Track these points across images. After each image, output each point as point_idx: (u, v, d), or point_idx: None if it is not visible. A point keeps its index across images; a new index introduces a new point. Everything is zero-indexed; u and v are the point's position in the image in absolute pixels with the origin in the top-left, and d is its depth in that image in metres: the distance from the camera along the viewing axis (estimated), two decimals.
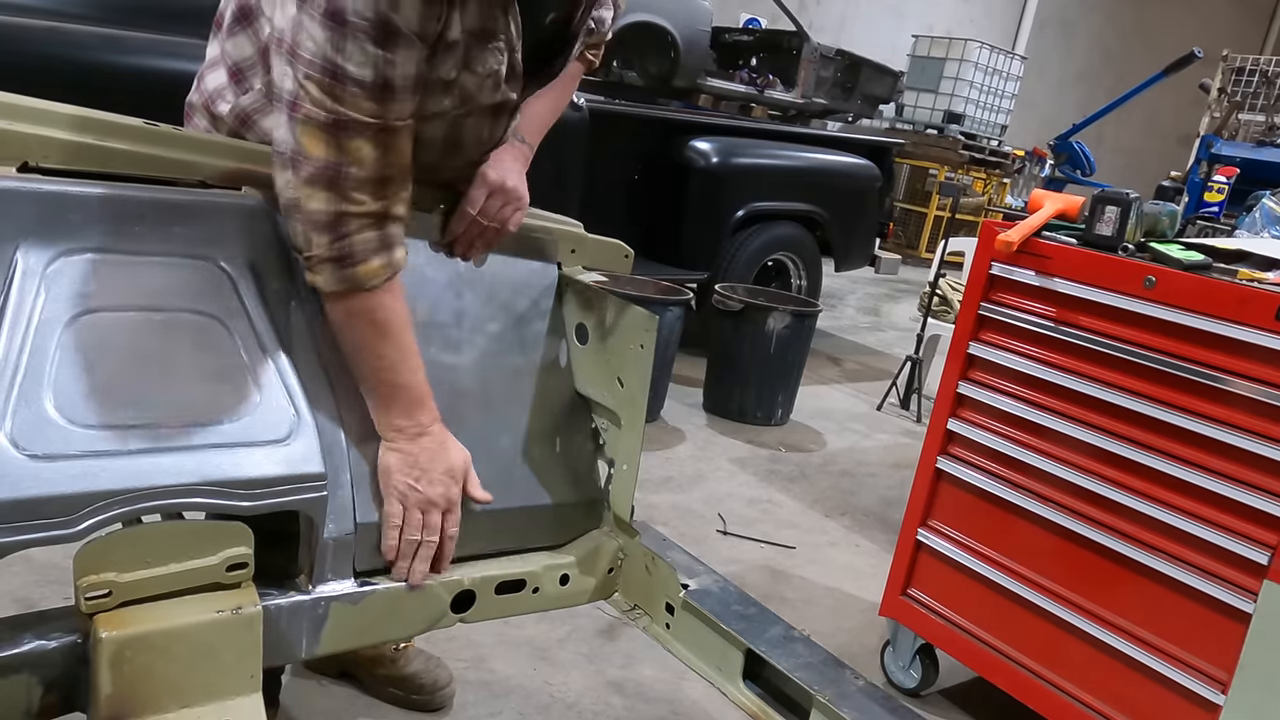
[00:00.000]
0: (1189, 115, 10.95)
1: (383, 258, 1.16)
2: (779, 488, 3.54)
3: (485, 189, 1.37)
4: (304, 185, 1.10)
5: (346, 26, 1.04)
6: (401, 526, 1.22)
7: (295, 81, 1.08)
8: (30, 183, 1.04)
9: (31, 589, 2.14)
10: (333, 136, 1.09)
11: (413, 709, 1.97)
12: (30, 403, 0.96)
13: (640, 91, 5.57)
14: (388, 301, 1.18)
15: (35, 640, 1.00)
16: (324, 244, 1.12)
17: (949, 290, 4.63)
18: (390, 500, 1.22)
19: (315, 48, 1.05)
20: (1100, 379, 1.89)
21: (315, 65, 1.06)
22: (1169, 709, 1.80)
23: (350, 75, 1.06)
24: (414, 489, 1.22)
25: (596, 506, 1.51)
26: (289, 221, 1.14)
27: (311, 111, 1.07)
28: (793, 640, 1.34)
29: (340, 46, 1.05)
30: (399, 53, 1.08)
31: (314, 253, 1.13)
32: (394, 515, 1.22)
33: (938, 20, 11.75)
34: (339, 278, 1.14)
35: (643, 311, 1.37)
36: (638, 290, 3.78)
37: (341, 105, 1.07)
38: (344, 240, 1.13)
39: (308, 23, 1.05)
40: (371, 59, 1.06)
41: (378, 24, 1.05)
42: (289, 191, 1.12)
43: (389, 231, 1.16)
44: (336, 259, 1.13)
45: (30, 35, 2.71)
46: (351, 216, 1.12)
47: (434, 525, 1.23)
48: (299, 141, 1.09)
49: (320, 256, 1.13)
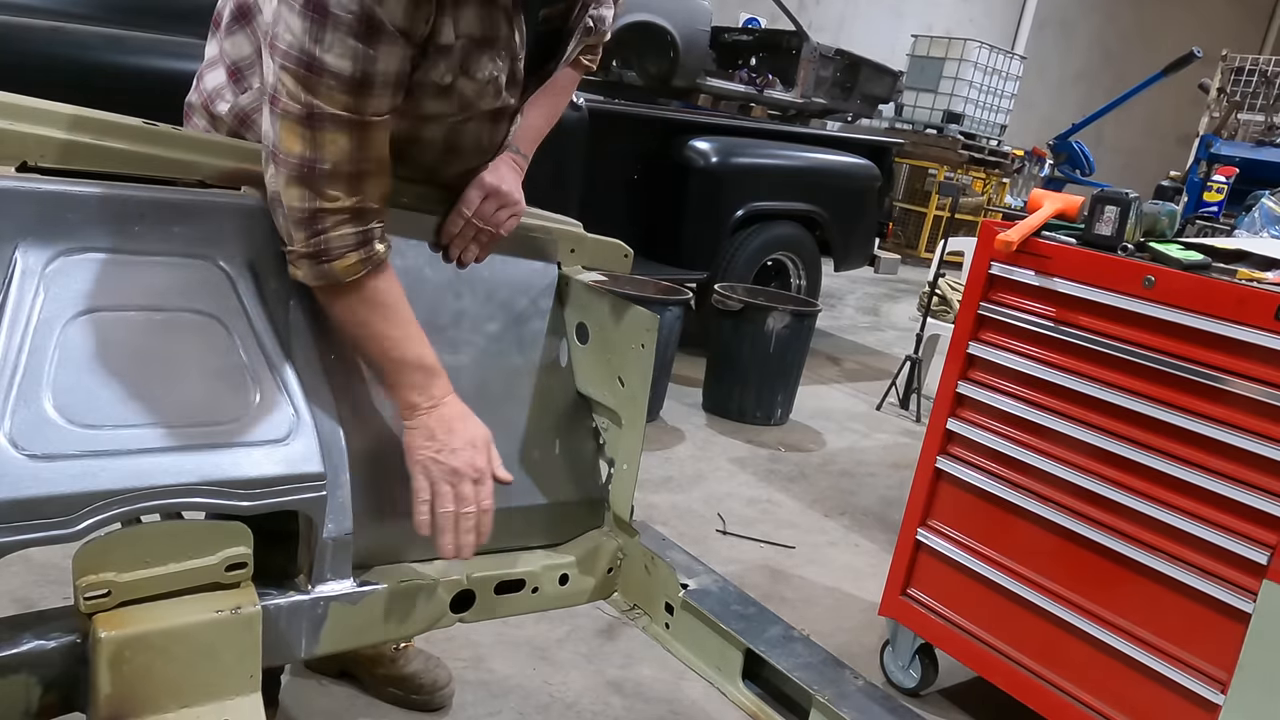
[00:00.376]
0: (1188, 115, 10.96)
1: (360, 253, 1.15)
2: (778, 487, 3.54)
3: (481, 191, 1.37)
4: (281, 179, 1.11)
5: (328, 18, 1.03)
6: (431, 501, 1.21)
7: (275, 74, 1.07)
8: (29, 182, 1.04)
9: (30, 589, 2.14)
10: (307, 129, 1.08)
11: (412, 709, 1.97)
12: (29, 402, 0.96)
13: (640, 91, 5.57)
14: (377, 292, 1.18)
15: (34, 640, 1.00)
16: (301, 239, 1.13)
17: (948, 290, 4.63)
18: (416, 476, 1.21)
19: (293, 39, 1.04)
20: (1100, 379, 1.89)
21: (291, 56, 1.05)
22: (1168, 709, 1.80)
23: (327, 68, 1.05)
24: (436, 460, 1.21)
25: (597, 506, 1.51)
26: (273, 215, 1.15)
27: (288, 105, 1.07)
28: (792, 640, 1.34)
29: (319, 38, 1.04)
30: (380, 48, 1.07)
31: (294, 248, 1.14)
32: (421, 490, 1.21)
33: (937, 20, 11.75)
34: (317, 273, 1.15)
35: (644, 311, 1.37)
36: (637, 290, 3.78)
37: (316, 98, 1.06)
38: (320, 236, 1.13)
39: (286, 14, 1.04)
40: (351, 52, 1.05)
41: (362, 17, 1.04)
42: (271, 186, 1.13)
43: (367, 227, 1.16)
44: (313, 255, 1.14)
45: (32, 35, 2.71)
46: (326, 213, 1.12)
47: (466, 495, 1.21)
48: (278, 135, 1.09)
49: (299, 252, 1.14)
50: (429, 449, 1.21)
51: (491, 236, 1.40)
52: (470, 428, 1.25)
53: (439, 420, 1.22)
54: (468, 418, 1.25)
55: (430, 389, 1.23)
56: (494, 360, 1.42)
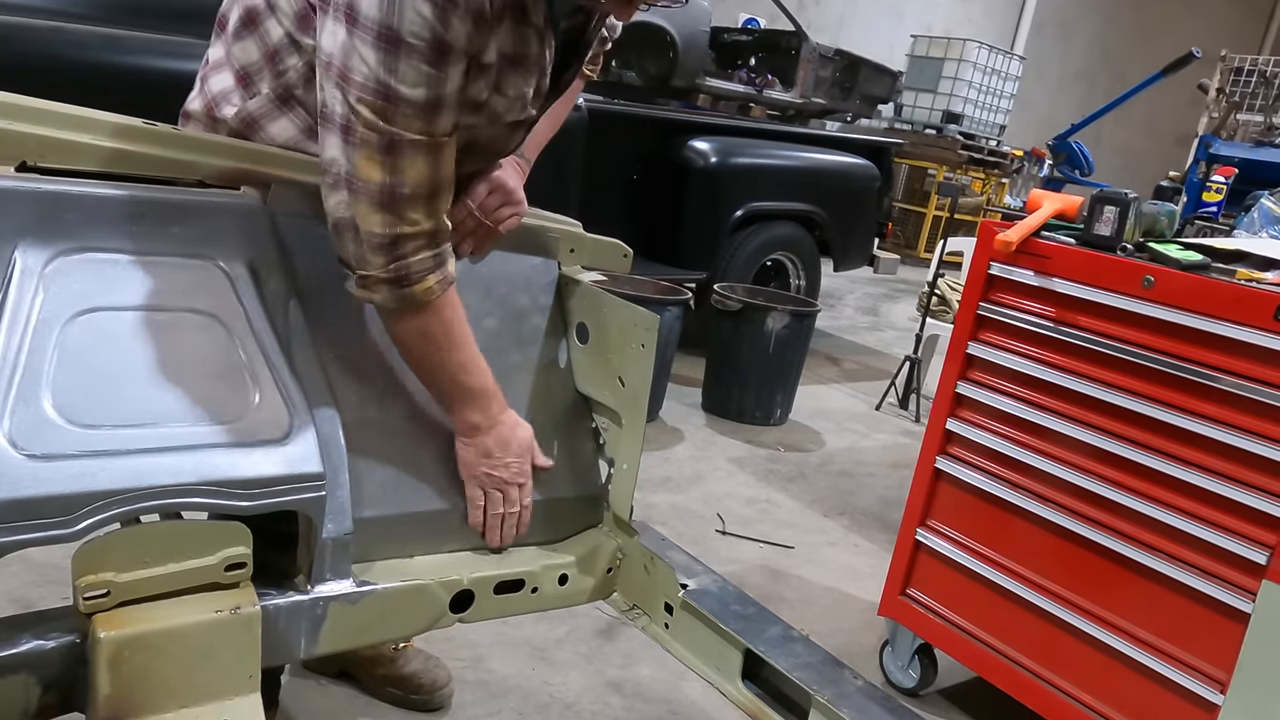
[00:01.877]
0: (1187, 115, 10.96)
1: (437, 275, 1.19)
2: (778, 487, 3.54)
3: (486, 185, 1.39)
4: (361, 207, 1.12)
5: (401, 47, 1.06)
6: (484, 506, 1.34)
7: (346, 105, 1.09)
8: (28, 182, 1.04)
9: (30, 589, 2.14)
10: (387, 157, 1.11)
11: (411, 709, 1.97)
12: (29, 402, 0.96)
13: (639, 91, 5.57)
14: (446, 312, 1.22)
15: (33, 640, 1.00)
16: (380, 264, 1.15)
17: (948, 290, 4.62)
18: (471, 487, 1.34)
19: (369, 70, 1.06)
20: (1099, 379, 1.90)
21: (369, 89, 1.07)
22: (1168, 709, 1.80)
23: (403, 96, 1.08)
24: (491, 475, 1.33)
25: (596, 503, 1.51)
26: (339, 239, 1.16)
27: (366, 135, 1.09)
28: (791, 640, 1.34)
29: (393, 68, 1.06)
30: (450, 70, 1.10)
31: (370, 272, 1.16)
32: (476, 499, 1.34)
33: (936, 20, 11.75)
34: (396, 297, 1.18)
35: (644, 311, 1.37)
36: (636, 290, 3.78)
37: (394, 125, 1.09)
38: (401, 261, 1.16)
39: (360, 46, 1.06)
40: (425, 78, 1.08)
41: (433, 44, 1.07)
42: (342, 211, 1.14)
43: (441, 249, 1.20)
44: (394, 280, 1.16)
45: (32, 35, 2.71)
46: (408, 238, 1.15)
47: (514, 499, 1.36)
48: (354, 164, 1.11)
49: (377, 277, 1.16)
50: (485, 465, 1.32)
51: (490, 232, 1.40)
52: (520, 438, 1.35)
53: (496, 439, 1.32)
54: (517, 428, 1.35)
55: (490, 410, 1.31)
56: (493, 357, 1.42)
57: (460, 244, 1.39)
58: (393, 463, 1.29)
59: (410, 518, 1.31)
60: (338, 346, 1.26)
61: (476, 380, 1.29)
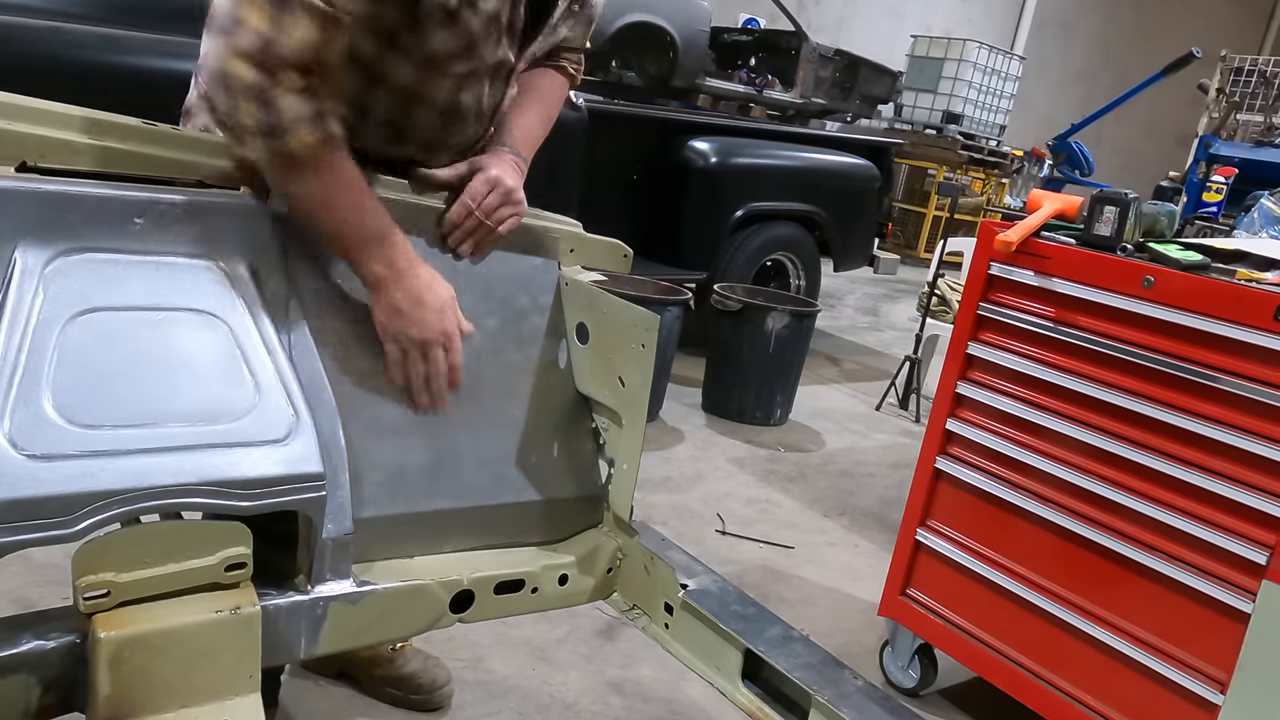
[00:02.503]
0: (1187, 115, 10.95)
1: (319, 132, 1.13)
2: (778, 488, 3.54)
3: (487, 184, 1.38)
4: (233, 54, 1.08)
5: None
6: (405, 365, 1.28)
7: None
8: (29, 182, 1.04)
9: (30, 589, 2.14)
10: (275, 9, 1.07)
11: (411, 709, 1.97)
12: (29, 402, 0.96)
13: (639, 91, 5.57)
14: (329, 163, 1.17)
15: (34, 640, 1.00)
16: (251, 113, 1.10)
17: (948, 290, 4.62)
18: (388, 346, 1.27)
19: None
20: (1099, 379, 1.90)
21: None
22: (1168, 709, 1.80)
23: None
24: (407, 334, 1.26)
25: (596, 503, 1.51)
26: (213, 92, 1.13)
27: None
28: (791, 640, 1.34)
29: None
30: None
31: (242, 121, 1.11)
32: (394, 359, 1.28)
33: (936, 20, 11.75)
34: (269, 149, 1.13)
35: (645, 311, 1.37)
36: (636, 290, 3.78)
37: None
38: (271, 108, 1.10)
39: None
40: None
41: None
42: (215, 60, 1.10)
43: (322, 105, 1.14)
44: (266, 131, 1.11)
45: (32, 35, 2.71)
46: (279, 89, 1.10)
47: (436, 359, 1.28)
48: (240, 10, 1.08)
49: (249, 127, 1.11)
50: (397, 322, 1.25)
51: (490, 233, 1.40)
52: (437, 293, 1.27)
53: (405, 294, 1.25)
54: (434, 283, 1.28)
55: (394, 258, 1.24)
56: (493, 356, 1.42)
57: (460, 244, 1.39)
58: (392, 463, 1.29)
59: (410, 518, 1.31)
60: (338, 346, 1.26)
61: (372, 225, 1.21)
